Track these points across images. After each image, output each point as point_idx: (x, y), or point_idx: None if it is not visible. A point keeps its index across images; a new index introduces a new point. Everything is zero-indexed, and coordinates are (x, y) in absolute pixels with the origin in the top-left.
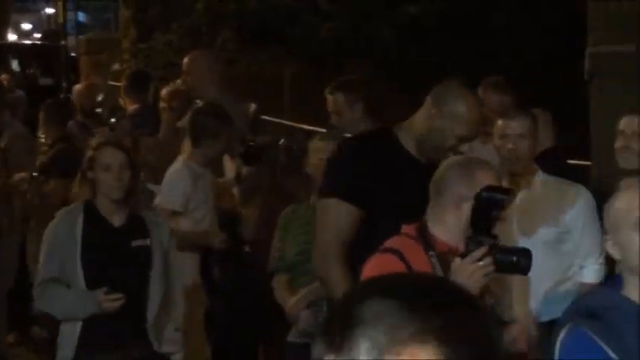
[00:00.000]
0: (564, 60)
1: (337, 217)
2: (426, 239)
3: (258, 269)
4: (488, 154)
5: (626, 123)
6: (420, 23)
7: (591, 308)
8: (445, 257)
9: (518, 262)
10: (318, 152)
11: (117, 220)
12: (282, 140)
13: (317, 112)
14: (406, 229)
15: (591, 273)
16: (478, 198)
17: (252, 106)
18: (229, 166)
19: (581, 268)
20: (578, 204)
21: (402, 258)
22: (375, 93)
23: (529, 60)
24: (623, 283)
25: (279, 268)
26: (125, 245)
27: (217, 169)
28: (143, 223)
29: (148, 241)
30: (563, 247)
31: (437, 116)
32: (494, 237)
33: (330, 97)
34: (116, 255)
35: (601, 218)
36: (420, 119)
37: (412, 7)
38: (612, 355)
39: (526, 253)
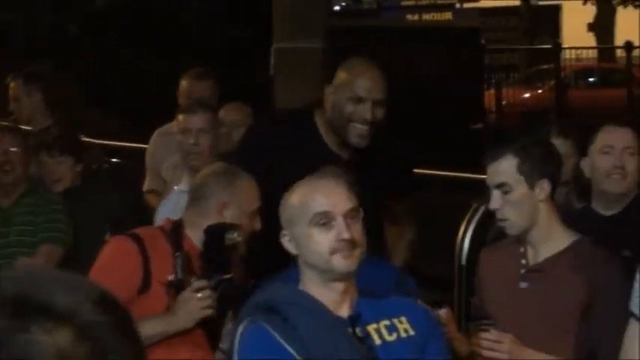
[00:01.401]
0: (252, 56)
1: None
2: (177, 239)
3: None
4: None
5: None
6: (107, 17)
7: (270, 303)
8: (191, 260)
9: (239, 296)
10: None
11: None
12: None
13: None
14: (165, 223)
15: None
16: (206, 233)
17: None
18: None
19: None
20: None
21: (141, 245)
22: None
23: (218, 56)
24: (301, 277)
25: None
26: None
27: None
28: None
29: None
30: None
31: (331, 93)
32: (228, 272)
33: (11, 84)
34: None
35: None
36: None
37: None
38: (290, 349)
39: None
